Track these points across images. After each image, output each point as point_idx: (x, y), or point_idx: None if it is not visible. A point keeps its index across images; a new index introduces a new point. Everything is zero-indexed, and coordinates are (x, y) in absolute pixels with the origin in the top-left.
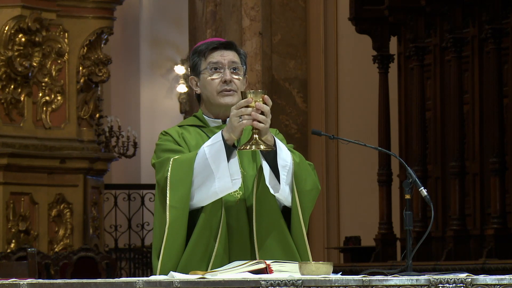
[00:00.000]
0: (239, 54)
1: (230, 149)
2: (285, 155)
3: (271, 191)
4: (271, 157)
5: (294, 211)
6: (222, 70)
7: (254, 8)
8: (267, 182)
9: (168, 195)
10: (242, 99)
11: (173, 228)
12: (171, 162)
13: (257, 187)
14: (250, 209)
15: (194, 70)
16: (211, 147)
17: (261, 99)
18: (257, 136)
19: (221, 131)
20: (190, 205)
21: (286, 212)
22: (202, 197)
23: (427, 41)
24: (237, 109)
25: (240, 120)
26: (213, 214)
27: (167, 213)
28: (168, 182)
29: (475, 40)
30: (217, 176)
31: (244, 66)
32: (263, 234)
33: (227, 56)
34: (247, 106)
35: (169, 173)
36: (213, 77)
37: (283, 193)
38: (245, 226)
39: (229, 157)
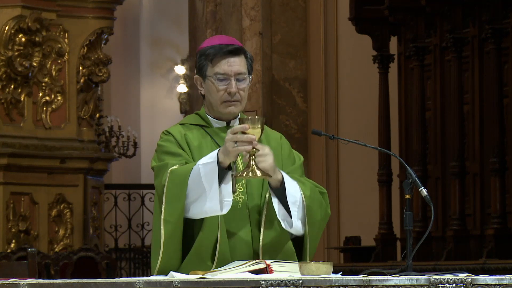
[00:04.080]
0: (246, 59)
1: (224, 171)
2: (294, 191)
3: (282, 224)
4: (280, 191)
5: (305, 240)
6: (228, 82)
7: (254, 8)
8: (278, 216)
9: (163, 208)
10: (240, 123)
11: (168, 243)
12: (168, 174)
13: (266, 220)
14: (253, 215)
15: (200, 71)
16: (206, 166)
17: (259, 126)
18: (254, 162)
19: (217, 150)
20: (187, 216)
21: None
22: (196, 212)
23: (427, 41)
24: (233, 133)
25: (235, 145)
26: (211, 230)
27: (162, 227)
28: (164, 194)
29: (475, 40)
30: (209, 196)
31: (250, 75)
32: (268, 254)
33: (234, 66)
34: (244, 132)
35: (165, 186)
36: (219, 87)
37: (296, 227)
38: (247, 232)
39: (223, 178)
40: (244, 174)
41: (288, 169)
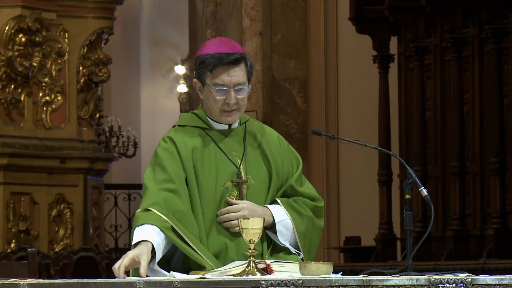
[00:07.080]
0: (246, 66)
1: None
2: (285, 237)
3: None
4: (274, 230)
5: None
6: (227, 93)
7: (254, 8)
8: (277, 242)
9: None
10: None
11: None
12: (135, 232)
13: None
14: None
15: (199, 78)
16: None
17: (259, 227)
18: (254, 264)
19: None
20: None
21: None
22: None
23: (427, 41)
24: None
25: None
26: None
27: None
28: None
29: (475, 40)
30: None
31: (250, 84)
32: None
33: (234, 77)
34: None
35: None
36: (217, 97)
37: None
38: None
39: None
40: (244, 275)
41: (288, 171)
